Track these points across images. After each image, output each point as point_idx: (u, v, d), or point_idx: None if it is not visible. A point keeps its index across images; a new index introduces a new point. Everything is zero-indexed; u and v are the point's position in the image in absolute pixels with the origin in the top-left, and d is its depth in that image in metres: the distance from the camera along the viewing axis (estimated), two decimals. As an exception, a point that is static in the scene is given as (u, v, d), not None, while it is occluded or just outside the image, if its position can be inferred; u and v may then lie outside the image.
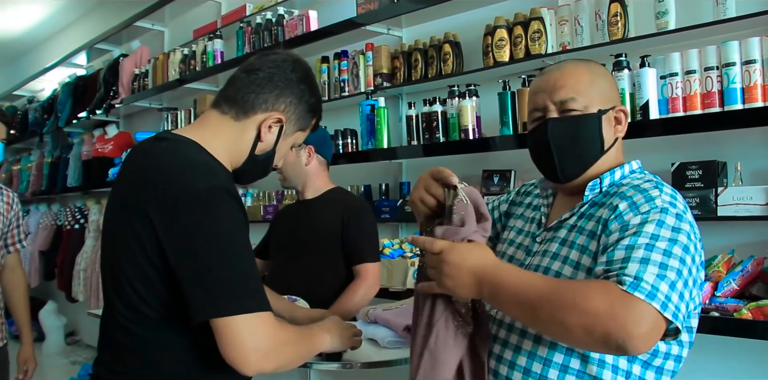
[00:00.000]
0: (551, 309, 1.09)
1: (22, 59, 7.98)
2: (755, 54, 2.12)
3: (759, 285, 2.13)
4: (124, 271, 1.32)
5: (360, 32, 3.44)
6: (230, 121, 1.41)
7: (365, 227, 2.52)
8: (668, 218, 1.18)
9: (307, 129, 1.52)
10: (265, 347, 1.24)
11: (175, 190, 1.26)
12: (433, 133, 3.06)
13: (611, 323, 1.04)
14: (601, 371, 1.22)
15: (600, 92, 1.36)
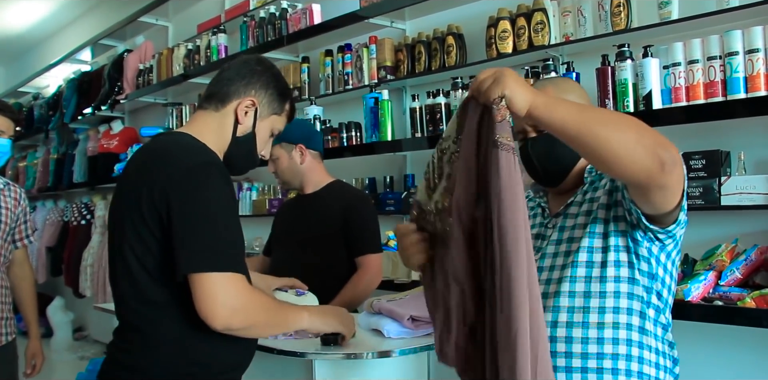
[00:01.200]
0: (608, 125, 1.15)
1: (26, 56, 8.00)
2: (758, 43, 2.12)
3: (763, 274, 2.13)
4: (132, 248, 1.45)
5: (363, 25, 3.44)
6: (212, 113, 1.62)
7: (366, 218, 2.54)
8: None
9: (282, 113, 1.69)
10: (233, 304, 1.38)
11: (172, 167, 1.45)
12: (437, 125, 3.07)
13: (654, 136, 1.15)
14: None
15: (581, 96, 1.49)
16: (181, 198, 1.40)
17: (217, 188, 1.43)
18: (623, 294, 1.37)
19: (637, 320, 1.37)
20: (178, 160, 1.46)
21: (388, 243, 3.15)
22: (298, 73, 3.95)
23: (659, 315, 1.40)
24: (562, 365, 1.36)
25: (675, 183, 1.20)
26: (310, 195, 2.61)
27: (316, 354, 1.77)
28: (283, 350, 1.79)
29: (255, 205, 4.25)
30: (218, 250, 1.39)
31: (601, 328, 1.36)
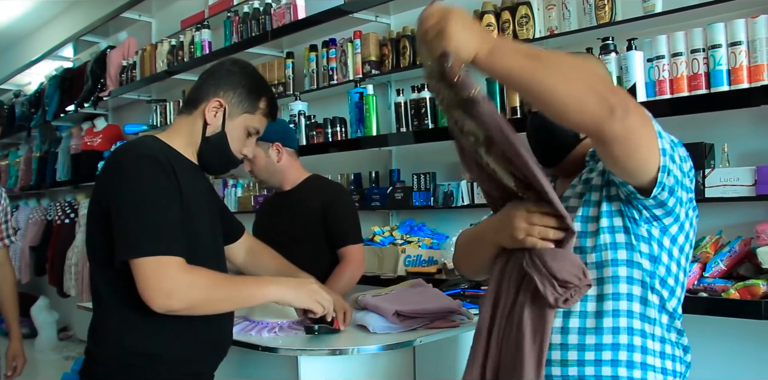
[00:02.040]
0: (559, 65, 1.12)
1: (7, 52, 7.91)
2: (741, 36, 2.12)
3: (746, 266, 2.14)
4: (91, 243, 1.57)
5: (348, 20, 3.42)
6: (185, 118, 1.68)
7: (345, 210, 2.57)
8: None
9: (256, 112, 1.69)
10: (167, 286, 1.42)
11: (112, 164, 1.55)
12: (422, 120, 3.06)
13: (610, 85, 1.11)
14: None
15: None
16: (115, 191, 1.49)
17: (146, 178, 1.48)
18: (622, 279, 1.28)
19: (639, 307, 1.28)
20: (118, 158, 1.55)
21: (373, 239, 3.14)
22: (282, 68, 3.92)
23: (665, 302, 1.31)
24: (557, 358, 1.30)
25: (632, 133, 1.11)
26: (289, 192, 2.62)
27: (301, 350, 1.76)
28: (267, 347, 1.78)
29: (240, 202, 4.23)
30: (149, 235, 1.43)
31: (599, 317, 1.28)
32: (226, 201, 4.36)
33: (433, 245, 3.11)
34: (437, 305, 1.93)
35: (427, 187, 3.12)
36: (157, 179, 1.49)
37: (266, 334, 1.88)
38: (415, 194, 3.15)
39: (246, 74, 1.70)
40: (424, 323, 1.89)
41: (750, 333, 2.20)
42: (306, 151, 3.54)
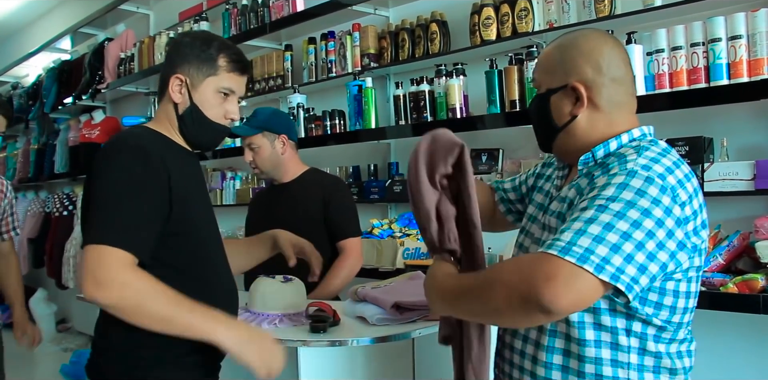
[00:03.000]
0: (475, 296, 1.16)
1: (4, 44, 7.88)
2: (741, 29, 2.12)
3: (745, 260, 2.15)
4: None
5: (346, 12, 3.41)
6: (160, 104, 1.66)
7: (345, 203, 2.61)
8: (634, 180, 1.14)
9: (219, 72, 1.61)
10: (100, 276, 1.34)
11: (99, 153, 1.52)
12: (421, 113, 3.06)
13: (521, 283, 1.05)
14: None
15: (549, 70, 1.35)
16: (91, 180, 1.47)
17: (119, 167, 1.45)
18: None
19: (608, 336, 1.22)
20: (105, 148, 1.54)
21: (372, 232, 3.15)
22: (281, 61, 3.92)
23: (646, 327, 1.22)
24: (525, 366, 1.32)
25: (568, 307, 1.05)
26: (288, 185, 2.63)
27: (301, 341, 1.76)
28: (267, 338, 1.78)
29: (238, 194, 4.23)
30: (104, 224, 1.40)
31: (551, 337, 1.27)
32: (225, 193, 4.36)
33: (431, 238, 3.11)
34: (436, 298, 1.93)
35: (425, 180, 3.11)
36: (130, 169, 1.45)
37: (266, 326, 1.89)
38: (414, 187, 3.14)
39: (193, 39, 1.63)
40: (423, 315, 1.89)
41: (748, 327, 2.21)
42: (305, 144, 3.53)
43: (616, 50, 1.32)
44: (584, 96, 1.29)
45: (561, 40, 1.37)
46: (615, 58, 1.30)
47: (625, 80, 1.32)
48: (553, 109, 1.34)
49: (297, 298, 2.00)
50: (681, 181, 1.18)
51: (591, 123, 1.31)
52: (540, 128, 1.40)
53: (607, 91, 1.30)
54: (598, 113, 1.31)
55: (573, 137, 1.33)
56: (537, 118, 1.40)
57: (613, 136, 1.30)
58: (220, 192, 4.40)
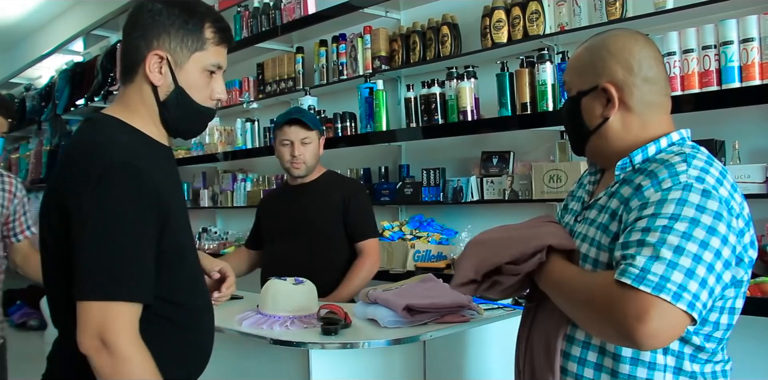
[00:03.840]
0: (569, 303, 1.21)
1: (18, 46, 7.94)
2: (753, 32, 2.12)
3: (757, 263, 2.13)
4: (50, 252, 1.32)
5: (358, 15, 3.42)
6: (129, 87, 1.36)
7: (365, 205, 2.64)
8: (692, 195, 1.11)
9: (207, 45, 1.36)
10: (107, 339, 1.17)
11: (77, 172, 1.25)
12: (432, 115, 3.06)
13: (613, 320, 1.06)
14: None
15: (580, 72, 1.32)
16: (78, 211, 1.22)
17: (112, 199, 1.21)
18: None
19: (646, 355, 1.19)
20: (82, 162, 1.26)
21: (383, 234, 3.15)
22: (292, 63, 3.93)
23: (683, 345, 1.19)
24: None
25: (657, 338, 1.05)
26: (309, 184, 2.65)
27: (313, 343, 1.77)
28: (278, 340, 1.80)
29: (249, 196, 4.24)
30: (109, 274, 1.19)
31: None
32: (236, 195, 4.38)
33: (442, 240, 3.12)
34: (448, 300, 1.93)
35: (436, 183, 3.13)
36: (127, 199, 1.22)
37: (278, 328, 1.90)
38: (425, 189, 3.15)
39: (170, 9, 1.33)
40: (434, 318, 1.89)
41: (761, 330, 2.20)
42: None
43: (647, 49, 1.28)
44: (615, 97, 1.26)
45: (591, 41, 1.34)
46: (646, 57, 1.27)
47: (658, 79, 1.28)
48: (585, 112, 1.31)
49: (308, 300, 2.01)
50: (730, 191, 1.17)
51: (624, 125, 1.28)
52: (572, 132, 1.38)
53: (639, 92, 1.26)
54: (631, 115, 1.27)
55: (606, 140, 1.30)
56: (569, 121, 1.37)
57: (649, 140, 1.26)
58: (231, 194, 4.42)
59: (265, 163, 4.42)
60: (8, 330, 2.68)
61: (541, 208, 2.75)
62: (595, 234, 1.25)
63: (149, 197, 1.25)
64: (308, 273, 2.17)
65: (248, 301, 2.32)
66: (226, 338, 2.04)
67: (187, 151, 4.76)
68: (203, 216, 5.03)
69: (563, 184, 2.61)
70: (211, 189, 4.67)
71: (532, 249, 1.27)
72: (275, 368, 1.97)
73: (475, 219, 3.13)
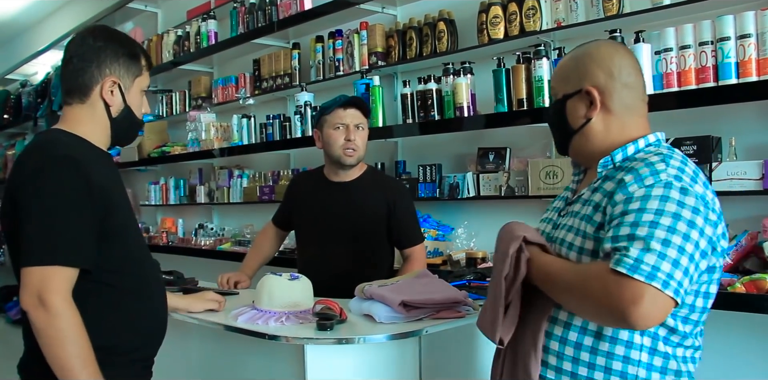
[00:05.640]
0: (563, 293, 1.30)
1: (13, 43, 7.92)
2: (750, 28, 2.12)
3: (753, 260, 2.14)
4: (10, 246, 1.54)
5: (354, 11, 3.42)
6: (79, 107, 1.62)
7: (411, 209, 2.56)
8: (672, 192, 1.23)
9: (143, 71, 1.67)
10: (44, 297, 1.39)
11: (25, 164, 1.52)
12: (428, 111, 3.06)
13: (610, 305, 1.17)
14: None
15: (565, 77, 1.45)
16: (23, 195, 1.47)
17: (52, 181, 1.45)
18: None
19: (624, 334, 1.30)
20: (33, 158, 1.52)
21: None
22: (288, 59, 3.93)
23: (658, 327, 1.29)
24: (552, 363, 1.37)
25: (650, 320, 1.17)
26: (351, 183, 2.54)
27: (308, 339, 1.77)
28: (274, 335, 1.79)
29: (246, 193, 4.24)
30: (48, 243, 1.42)
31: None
32: (232, 191, 4.37)
33: (438, 237, 3.12)
34: (443, 296, 1.93)
35: (432, 179, 3.12)
36: (66, 182, 1.46)
37: (273, 323, 1.89)
38: (421, 185, 3.15)
39: (117, 41, 1.64)
40: (430, 313, 1.89)
41: (756, 327, 2.21)
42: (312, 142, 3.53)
43: (627, 58, 1.41)
44: (597, 99, 1.38)
45: (575, 50, 1.47)
46: (626, 65, 1.39)
47: (637, 86, 1.41)
48: (569, 113, 1.43)
49: (304, 296, 2.00)
50: (704, 187, 1.28)
51: (605, 126, 1.40)
52: (557, 132, 1.50)
53: (618, 96, 1.38)
54: (611, 116, 1.40)
55: (588, 140, 1.42)
56: (554, 122, 1.49)
57: (628, 141, 1.39)
58: (227, 191, 4.41)
59: (262, 159, 4.42)
60: (4, 326, 2.66)
61: (537, 204, 2.75)
62: (579, 225, 1.36)
63: (86, 183, 1.48)
64: (350, 280, 2.10)
65: (243, 297, 2.32)
66: (221, 333, 2.04)
67: (183, 148, 4.76)
68: (199, 213, 5.03)
69: (559, 180, 2.61)
70: (207, 185, 4.66)
71: (511, 247, 1.37)
72: (270, 363, 1.96)
73: (472, 216, 3.13)
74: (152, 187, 5.22)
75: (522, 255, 1.35)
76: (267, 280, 2.01)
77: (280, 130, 3.91)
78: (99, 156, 1.62)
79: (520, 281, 1.36)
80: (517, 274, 1.36)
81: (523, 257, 1.35)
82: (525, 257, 1.35)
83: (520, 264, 1.35)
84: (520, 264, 1.35)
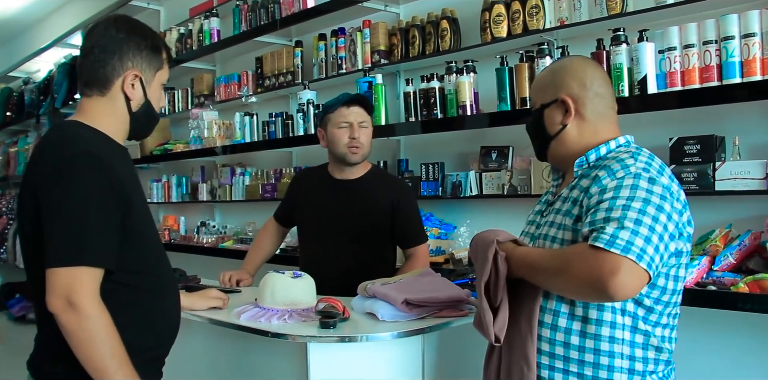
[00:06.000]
0: (547, 277, 1.41)
1: (16, 40, 7.91)
2: (755, 27, 2.11)
3: (756, 260, 2.14)
4: (28, 242, 1.50)
5: (357, 9, 3.41)
6: (98, 99, 1.58)
7: (414, 208, 2.56)
8: (641, 182, 1.36)
9: (164, 64, 1.64)
10: (73, 299, 1.36)
11: (47, 160, 1.47)
12: (431, 110, 3.06)
13: (591, 278, 1.27)
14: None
15: (542, 88, 1.60)
16: (47, 194, 1.43)
17: (75, 179, 1.41)
18: None
19: (608, 315, 1.40)
20: (54, 152, 1.48)
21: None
22: (291, 57, 3.92)
23: (637, 307, 1.41)
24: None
25: (626, 291, 1.26)
26: (355, 182, 2.54)
27: (311, 337, 1.77)
28: (277, 333, 1.79)
29: (248, 190, 4.24)
30: (74, 243, 1.38)
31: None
32: (234, 189, 4.37)
33: (441, 235, 3.12)
34: (446, 294, 1.93)
35: (435, 177, 3.12)
36: (89, 180, 1.42)
37: (276, 321, 1.89)
38: (424, 184, 3.15)
39: (139, 33, 1.59)
40: (433, 312, 1.89)
41: (759, 327, 2.20)
42: (314, 140, 3.53)
43: (597, 71, 1.59)
44: (572, 107, 1.53)
45: (552, 65, 1.65)
46: (597, 77, 1.56)
47: (606, 95, 1.56)
48: (546, 121, 1.58)
49: (306, 294, 2.01)
50: (669, 180, 1.42)
51: (579, 131, 1.55)
52: (536, 139, 1.63)
53: (591, 104, 1.54)
54: (585, 123, 1.54)
55: (564, 144, 1.56)
56: (533, 130, 1.63)
57: (600, 143, 1.53)
58: (229, 188, 4.41)
59: (264, 157, 4.41)
60: (6, 323, 2.67)
61: (540, 203, 2.75)
62: (560, 219, 1.49)
63: (110, 181, 1.45)
64: (353, 278, 2.11)
65: (246, 295, 2.32)
66: (224, 331, 2.04)
67: (186, 145, 4.76)
68: (202, 210, 5.03)
69: (562, 179, 2.60)
70: (209, 183, 4.67)
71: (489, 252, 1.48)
72: (273, 361, 1.97)
73: (474, 214, 3.12)
74: (154, 185, 5.22)
75: (498, 256, 1.45)
76: (270, 278, 2.01)
77: (283, 128, 3.91)
78: (117, 150, 1.58)
79: (503, 279, 1.45)
80: (498, 274, 1.45)
81: (500, 257, 1.45)
82: (502, 257, 1.45)
83: (498, 264, 1.45)
84: (498, 264, 1.45)
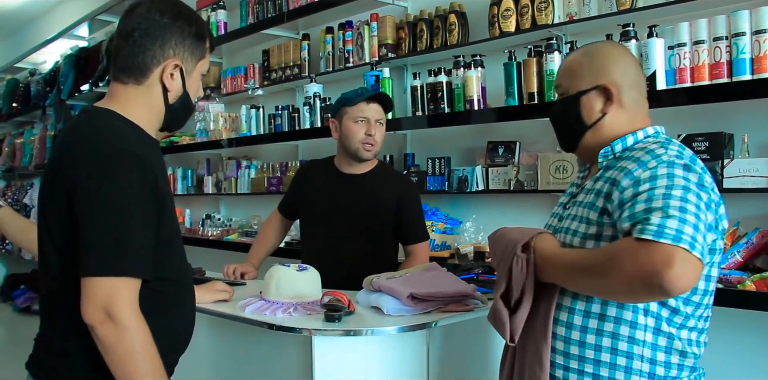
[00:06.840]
0: (589, 280, 1.29)
1: (23, 31, 7.91)
2: (766, 23, 2.09)
3: (763, 258, 2.13)
4: (52, 239, 1.38)
5: (365, 2, 3.40)
6: (134, 88, 1.45)
7: (417, 205, 2.57)
8: (676, 169, 1.29)
9: (206, 53, 1.52)
10: (112, 311, 1.27)
11: (84, 156, 1.34)
12: (438, 104, 3.05)
13: (643, 273, 1.16)
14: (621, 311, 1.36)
15: (577, 75, 1.50)
16: (88, 193, 1.31)
17: (128, 178, 1.31)
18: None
19: (629, 314, 1.34)
20: (93, 147, 1.35)
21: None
22: (298, 50, 3.92)
23: (661, 307, 1.34)
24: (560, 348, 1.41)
25: (681, 287, 1.16)
26: (361, 176, 2.54)
27: (315, 330, 1.77)
28: (282, 326, 1.79)
29: (253, 183, 4.24)
30: (115, 252, 1.29)
31: (587, 317, 1.37)
32: (240, 182, 4.38)
33: (446, 230, 3.11)
34: (452, 289, 1.93)
35: (441, 172, 3.12)
36: (129, 182, 1.31)
37: (281, 314, 1.89)
38: (430, 178, 3.14)
39: (184, 18, 1.46)
40: (438, 306, 1.89)
41: (766, 325, 2.19)
42: (321, 134, 3.54)
43: (633, 58, 1.54)
44: (614, 95, 1.45)
45: (585, 49, 1.55)
46: (635, 64, 1.52)
47: (642, 84, 1.52)
48: (584, 109, 1.49)
49: (312, 287, 2.01)
50: (703, 170, 1.34)
51: (616, 120, 1.47)
52: (567, 128, 1.55)
53: (630, 92, 1.47)
54: (622, 111, 1.47)
55: (599, 133, 1.48)
56: (564, 119, 1.54)
57: (631, 132, 1.46)
58: (234, 181, 4.41)
59: (270, 150, 4.41)
60: (11, 314, 2.62)
61: (546, 199, 2.74)
62: (583, 212, 1.42)
63: (149, 183, 1.35)
64: (356, 271, 2.12)
65: (251, 287, 2.32)
66: (228, 324, 2.05)
67: (192, 138, 4.76)
68: (207, 203, 5.03)
69: (569, 175, 2.60)
70: (215, 175, 4.67)
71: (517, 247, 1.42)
72: (278, 354, 1.97)
73: (480, 209, 3.12)
74: (160, 177, 5.22)
75: (520, 261, 1.40)
76: (275, 271, 2.01)
77: (289, 121, 3.91)
78: (151, 145, 1.47)
79: (532, 279, 1.39)
80: (528, 273, 1.39)
81: (522, 261, 1.39)
82: (522, 259, 1.39)
83: (529, 264, 1.39)
84: (529, 264, 1.39)
